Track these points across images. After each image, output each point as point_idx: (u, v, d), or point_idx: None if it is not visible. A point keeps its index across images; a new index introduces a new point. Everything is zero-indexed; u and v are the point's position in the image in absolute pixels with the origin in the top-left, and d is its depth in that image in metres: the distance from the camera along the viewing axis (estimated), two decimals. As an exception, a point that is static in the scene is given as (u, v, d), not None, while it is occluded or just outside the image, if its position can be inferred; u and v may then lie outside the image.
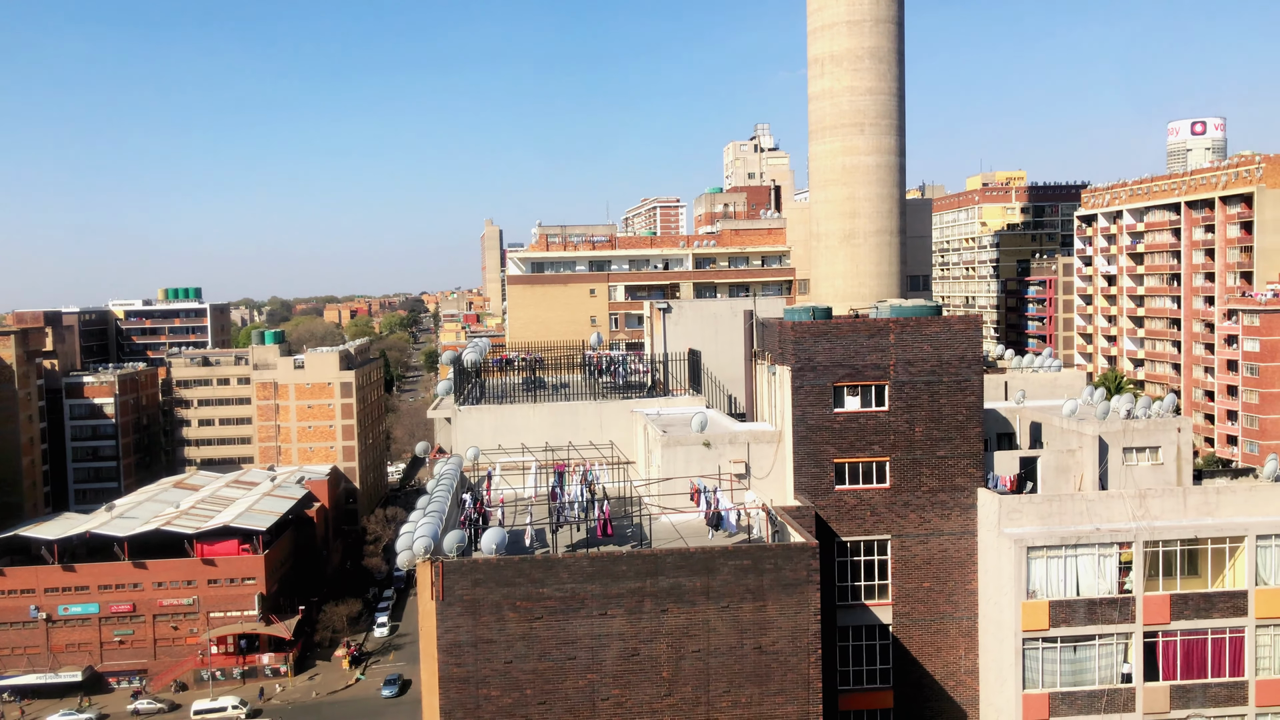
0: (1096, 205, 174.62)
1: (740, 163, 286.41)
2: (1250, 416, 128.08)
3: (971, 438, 41.82)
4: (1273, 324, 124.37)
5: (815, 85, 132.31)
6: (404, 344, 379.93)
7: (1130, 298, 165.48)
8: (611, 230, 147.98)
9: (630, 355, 59.02)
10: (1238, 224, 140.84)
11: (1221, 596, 40.20)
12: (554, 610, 32.22)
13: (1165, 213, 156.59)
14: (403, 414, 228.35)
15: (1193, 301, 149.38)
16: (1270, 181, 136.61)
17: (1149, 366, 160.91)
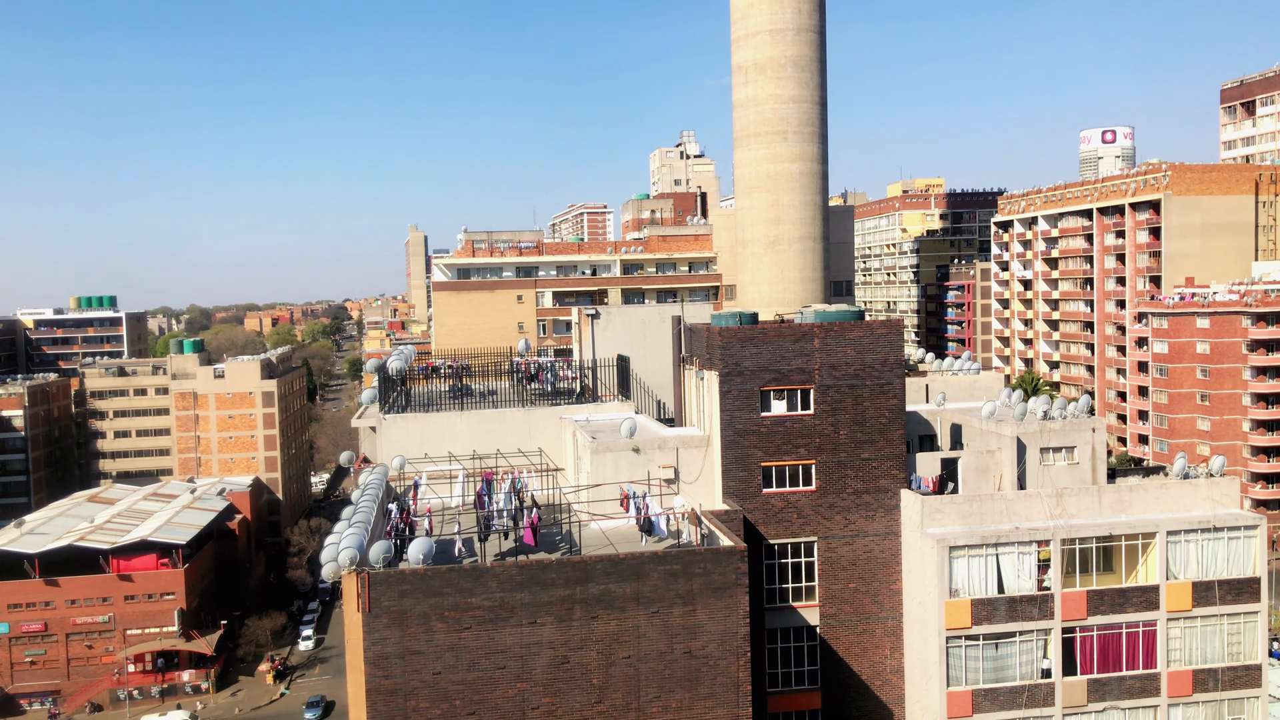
0: (1012, 212, 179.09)
1: (667, 169, 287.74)
2: (1160, 416, 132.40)
3: (894, 440, 42.55)
4: (1180, 327, 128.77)
5: (739, 93, 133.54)
6: (327, 352, 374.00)
7: (1045, 301, 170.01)
8: (539, 236, 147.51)
9: (558, 361, 58.92)
10: (1147, 230, 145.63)
11: (1135, 592, 41.46)
12: (483, 620, 31.98)
13: (1078, 219, 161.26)
14: (326, 423, 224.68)
15: (1105, 305, 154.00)
16: (1177, 189, 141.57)
17: (1064, 368, 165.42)
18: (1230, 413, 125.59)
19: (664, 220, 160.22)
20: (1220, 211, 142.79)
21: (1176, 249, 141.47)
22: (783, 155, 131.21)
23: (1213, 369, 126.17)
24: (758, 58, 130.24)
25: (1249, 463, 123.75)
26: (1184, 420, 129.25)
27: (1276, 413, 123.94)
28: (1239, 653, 42.28)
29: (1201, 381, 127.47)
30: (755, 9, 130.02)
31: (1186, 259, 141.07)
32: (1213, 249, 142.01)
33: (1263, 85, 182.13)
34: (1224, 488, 43.66)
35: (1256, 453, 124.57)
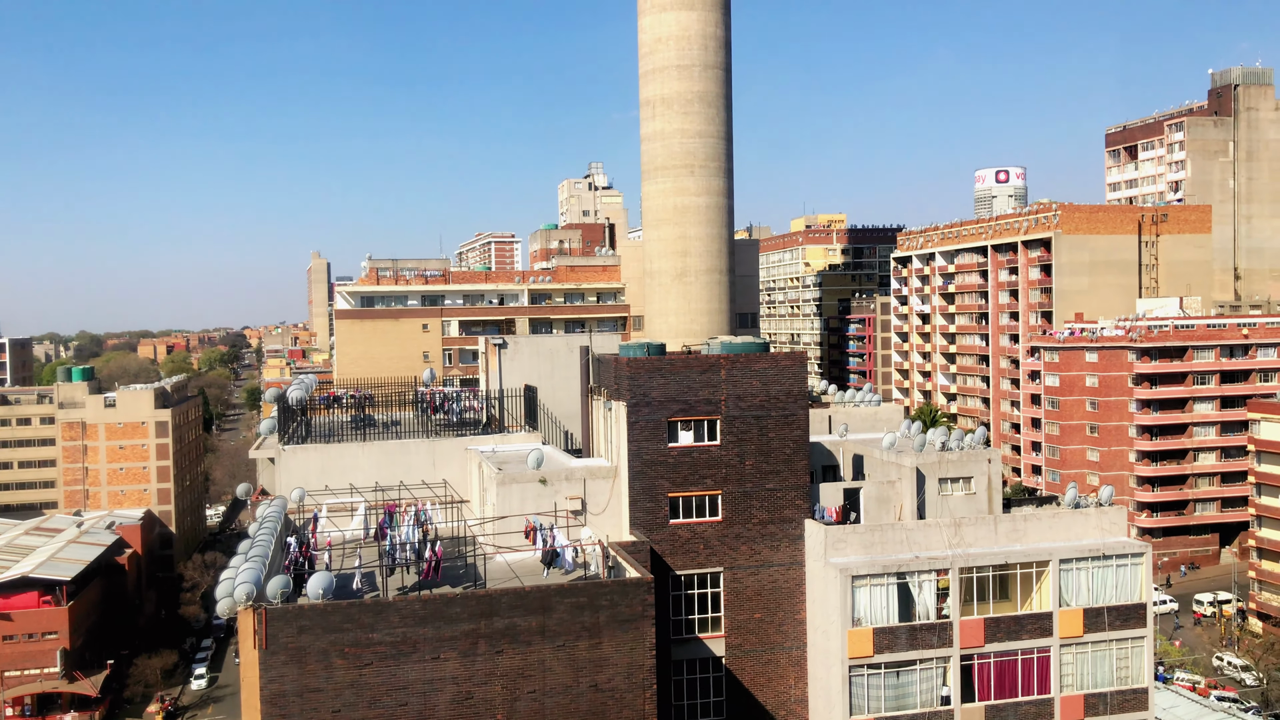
0: (911, 248, 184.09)
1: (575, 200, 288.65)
2: (1052, 447, 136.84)
3: (799, 470, 43.08)
4: (1070, 361, 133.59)
5: (647, 126, 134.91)
6: (225, 381, 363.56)
7: (943, 335, 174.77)
8: (445, 265, 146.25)
9: (465, 392, 58.30)
10: (1038, 267, 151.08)
11: (1030, 619, 42.57)
12: (384, 655, 31.24)
13: (973, 255, 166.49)
14: (223, 454, 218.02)
15: (999, 339, 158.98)
16: (1066, 228, 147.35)
17: (961, 400, 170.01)
18: (1117, 444, 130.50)
19: (572, 251, 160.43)
20: (1106, 250, 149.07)
21: (1066, 285, 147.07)
22: (690, 189, 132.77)
23: (1101, 402, 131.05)
24: (665, 92, 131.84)
25: (1135, 492, 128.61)
26: (1074, 451, 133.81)
27: (1160, 444, 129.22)
28: (1127, 676, 43.68)
29: (1090, 414, 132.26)
30: (663, 45, 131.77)
31: (1076, 295, 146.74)
32: (1100, 286, 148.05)
33: (1144, 131, 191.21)
34: (1112, 517, 45.24)
35: (1142, 482, 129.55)
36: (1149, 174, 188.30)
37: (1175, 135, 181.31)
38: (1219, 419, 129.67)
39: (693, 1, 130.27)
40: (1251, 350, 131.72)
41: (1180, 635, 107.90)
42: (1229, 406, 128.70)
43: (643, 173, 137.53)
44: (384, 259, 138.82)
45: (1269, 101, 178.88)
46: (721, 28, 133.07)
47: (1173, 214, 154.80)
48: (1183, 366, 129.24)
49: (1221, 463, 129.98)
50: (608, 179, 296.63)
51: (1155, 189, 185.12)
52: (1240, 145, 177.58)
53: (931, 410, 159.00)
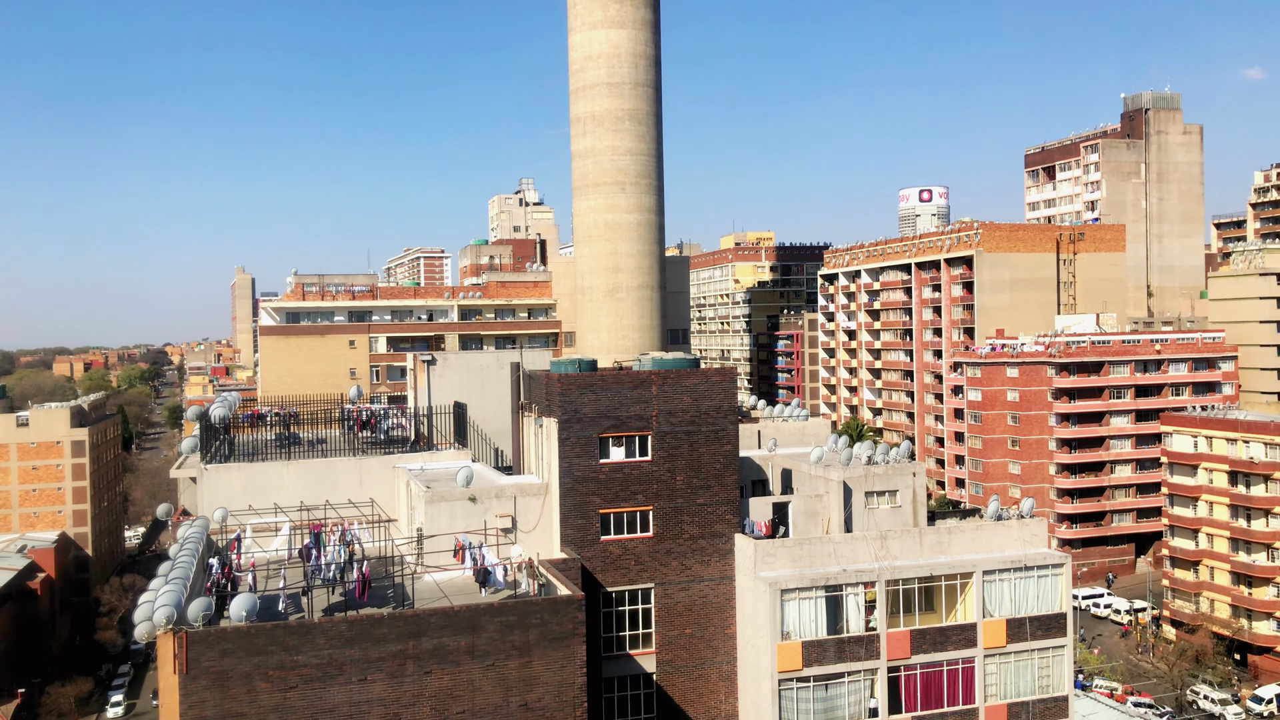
0: (837, 265, 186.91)
1: (506, 215, 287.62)
2: (975, 461, 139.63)
3: (729, 485, 43.38)
4: (992, 376, 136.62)
5: (578, 143, 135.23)
6: (145, 399, 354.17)
7: (869, 351, 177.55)
8: (373, 280, 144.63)
9: (392, 409, 57.64)
10: (961, 284, 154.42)
11: (955, 630, 43.32)
12: (310, 678, 30.67)
13: (898, 273, 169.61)
14: (143, 474, 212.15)
15: (924, 355, 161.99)
16: (987, 246, 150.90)
17: (887, 415, 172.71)
18: (1038, 457, 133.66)
19: (503, 266, 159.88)
20: (1026, 268, 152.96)
21: (988, 302, 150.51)
22: (621, 205, 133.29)
23: (1022, 416, 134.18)
24: (596, 110, 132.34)
25: (1055, 504, 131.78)
26: (996, 464, 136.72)
27: (1079, 457, 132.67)
28: (1049, 685, 44.66)
29: (1012, 428, 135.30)
30: (593, 62, 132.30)
31: (997, 312, 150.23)
32: (1020, 303, 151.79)
33: (1061, 152, 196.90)
34: (1033, 528, 46.30)
35: (1062, 495, 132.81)
36: (1066, 194, 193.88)
37: (1091, 157, 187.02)
38: (1134, 432, 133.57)
39: (623, 20, 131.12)
40: (1164, 365, 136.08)
41: (1099, 643, 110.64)
42: (1143, 420, 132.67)
43: (574, 189, 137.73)
44: (310, 274, 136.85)
45: (1177, 125, 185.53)
46: (651, 46, 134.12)
47: (1089, 233, 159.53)
48: (1099, 381, 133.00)
49: (1137, 474, 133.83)
50: (539, 195, 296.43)
51: (1072, 208, 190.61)
52: (1151, 167, 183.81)
53: (858, 425, 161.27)
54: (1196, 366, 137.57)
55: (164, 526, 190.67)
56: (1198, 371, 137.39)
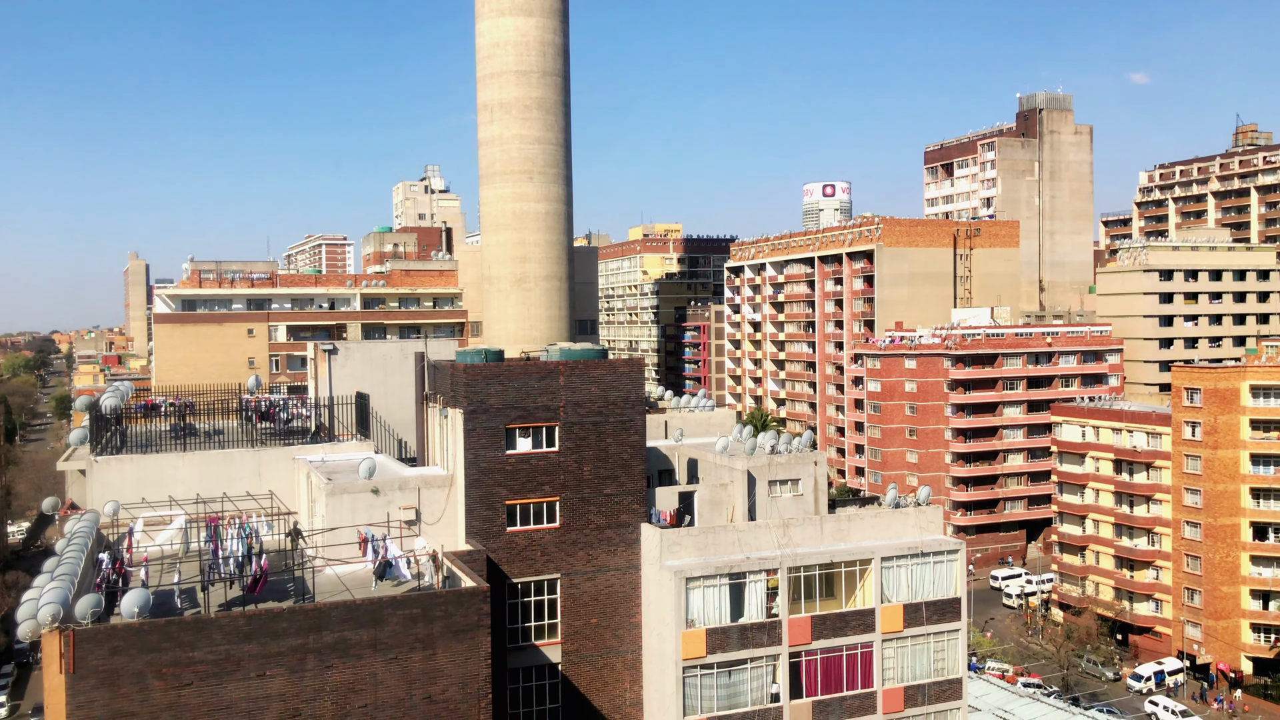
0: (743, 258, 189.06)
1: (411, 203, 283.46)
2: (875, 450, 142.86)
3: (636, 475, 43.60)
4: (891, 367, 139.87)
5: (485, 131, 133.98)
6: (30, 388, 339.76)
7: (773, 343, 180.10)
8: (273, 268, 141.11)
9: (293, 399, 56.42)
10: (862, 278, 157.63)
11: (854, 615, 44.34)
12: (206, 675, 29.92)
13: (801, 266, 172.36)
14: (27, 466, 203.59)
15: (826, 346, 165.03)
16: (887, 240, 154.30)
17: (790, 405, 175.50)
18: (934, 446, 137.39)
19: (408, 255, 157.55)
20: (925, 262, 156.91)
21: (888, 295, 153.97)
22: (529, 195, 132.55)
23: (919, 406, 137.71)
24: (504, 97, 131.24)
25: (950, 492, 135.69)
26: (895, 453, 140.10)
27: (973, 446, 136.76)
28: (943, 668, 46.04)
29: (910, 418, 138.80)
30: (501, 50, 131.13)
31: (896, 305, 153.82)
32: (919, 296, 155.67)
33: (959, 150, 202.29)
34: (929, 515, 47.62)
35: (956, 483, 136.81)
36: (964, 190, 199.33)
37: (987, 155, 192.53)
38: (1026, 422, 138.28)
39: (531, 8, 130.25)
40: (1054, 357, 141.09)
41: (991, 626, 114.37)
42: (1034, 410, 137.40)
43: (481, 177, 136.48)
44: (207, 261, 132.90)
45: (1069, 125, 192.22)
46: (560, 35, 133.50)
47: (985, 229, 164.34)
48: (993, 373, 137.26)
49: (1028, 463, 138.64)
50: (444, 182, 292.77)
51: (969, 205, 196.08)
52: (1044, 165, 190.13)
53: (762, 415, 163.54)
54: (1085, 359, 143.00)
55: (50, 521, 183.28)
56: (1086, 364, 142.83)
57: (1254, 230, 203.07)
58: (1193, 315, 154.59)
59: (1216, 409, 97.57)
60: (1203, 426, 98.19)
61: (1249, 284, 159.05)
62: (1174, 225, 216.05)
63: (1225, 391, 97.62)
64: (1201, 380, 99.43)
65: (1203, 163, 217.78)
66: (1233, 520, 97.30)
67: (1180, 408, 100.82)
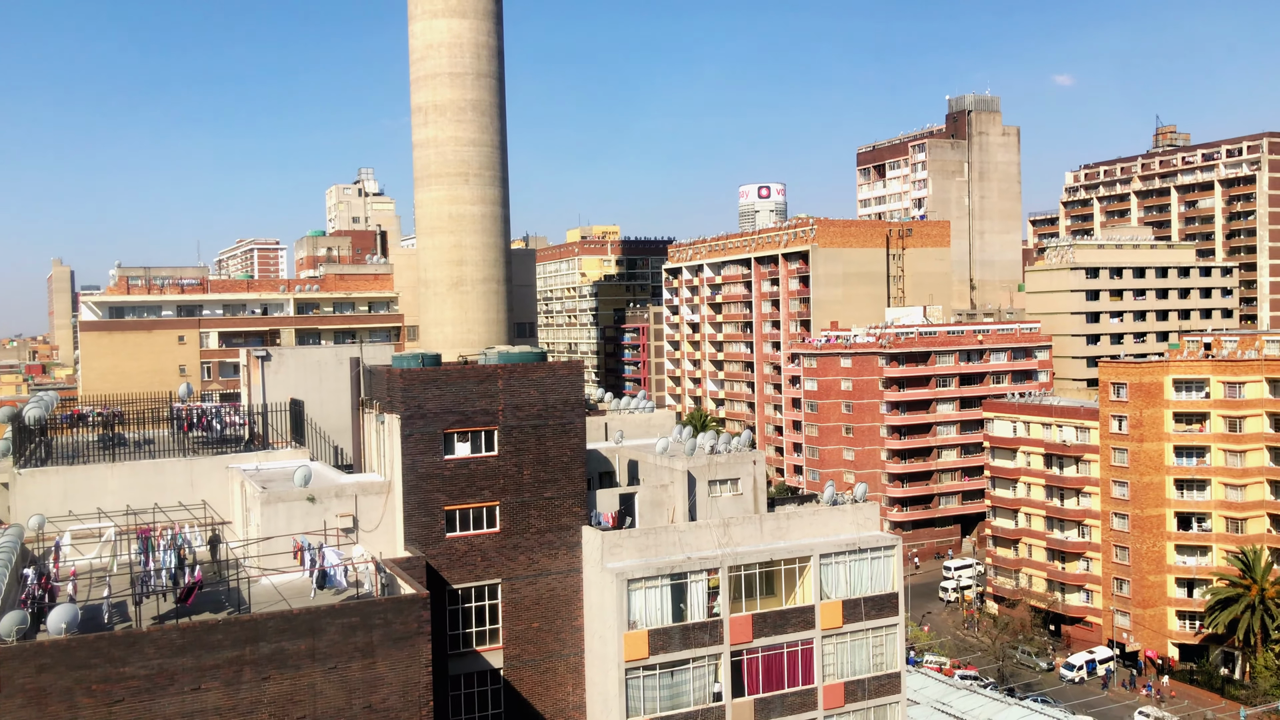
0: (681, 260, 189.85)
1: (344, 206, 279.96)
2: (812, 448, 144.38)
3: (576, 478, 43.58)
4: (827, 366, 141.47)
5: (419, 133, 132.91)
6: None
7: (711, 343, 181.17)
8: (203, 273, 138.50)
9: (225, 407, 55.43)
10: (797, 278, 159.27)
11: (794, 613, 44.80)
12: (138, 690, 29.26)
13: (738, 267, 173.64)
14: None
15: (763, 346, 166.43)
16: (822, 241, 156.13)
17: (729, 405, 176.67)
18: (870, 444, 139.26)
19: (342, 259, 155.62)
20: (859, 262, 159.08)
21: (823, 295, 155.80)
22: (464, 197, 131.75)
23: (855, 404, 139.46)
24: (438, 99, 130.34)
25: (886, 488, 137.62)
26: (832, 451, 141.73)
27: (908, 443, 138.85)
28: (882, 663, 46.74)
29: (846, 416, 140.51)
30: (435, 52, 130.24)
31: (832, 305, 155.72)
32: (853, 296, 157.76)
33: (891, 151, 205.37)
34: (866, 512, 48.30)
35: (892, 479, 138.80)
36: (896, 191, 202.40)
37: (918, 156, 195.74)
38: (959, 418, 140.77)
39: (464, 9, 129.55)
40: (985, 355, 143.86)
41: (929, 620, 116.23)
42: (967, 407, 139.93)
43: (416, 180, 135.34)
44: (135, 267, 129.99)
45: (997, 127, 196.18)
46: (494, 37, 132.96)
47: (917, 229, 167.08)
48: (927, 370, 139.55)
49: (962, 459, 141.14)
50: (379, 185, 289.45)
51: (901, 205, 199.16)
52: (974, 166, 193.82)
53: (701, 415, 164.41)
54: (1015, 355, 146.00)
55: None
56: (1016, 360, 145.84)
57: (1174, 228, 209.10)
58: (1118, 312, 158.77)
59: (1141, 403, 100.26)
60: (1128, 420, 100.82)
61: (1170, 281, 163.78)
62: (1099, 224, 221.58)
63: (1149, 386, 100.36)
64: (1127, 375, 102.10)
65: (1125, 163, 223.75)
66: (1158, 511, 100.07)
67: (1107, 402, 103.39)
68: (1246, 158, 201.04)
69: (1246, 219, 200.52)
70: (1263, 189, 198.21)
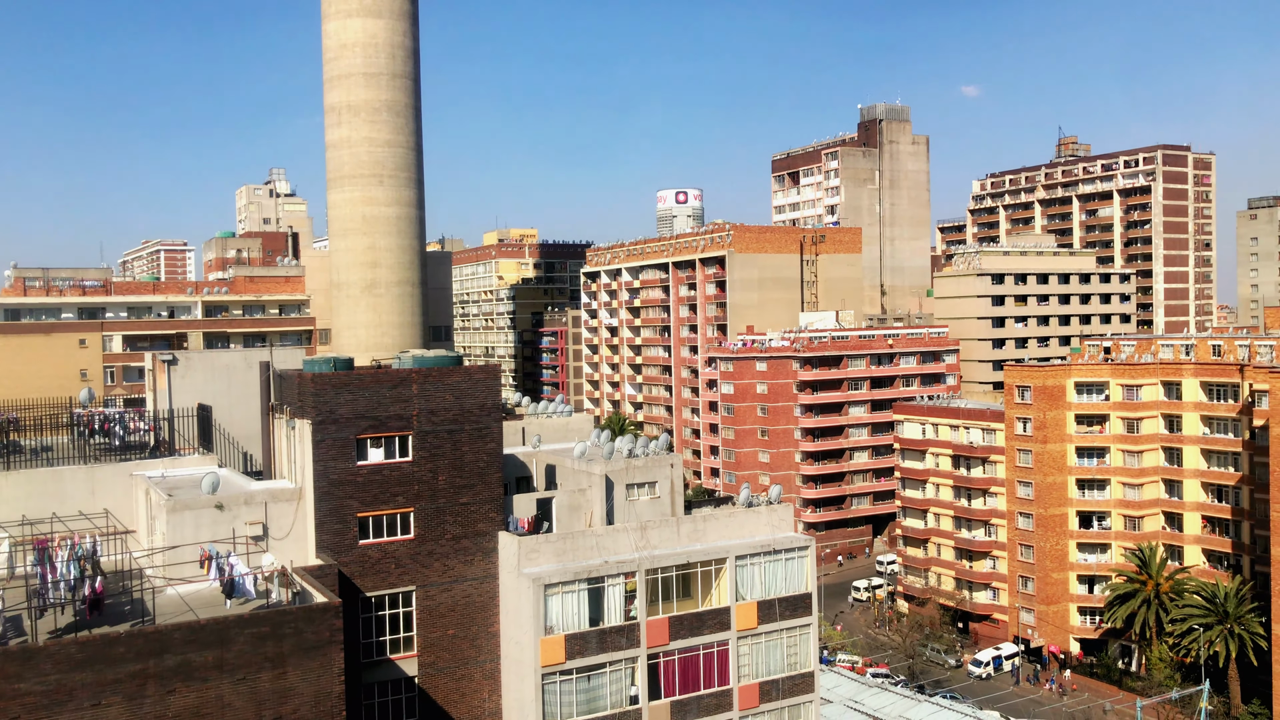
0: (599, 263, 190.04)
1: (255, 207, 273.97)
2: (728, 450, 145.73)
3: (492, 483, 43.34)
4: (743, 370, 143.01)
5: (333, 133, 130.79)
6: None
7: (630, 347, 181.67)
8: (107, 274, 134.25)
9: (129, 412, 53.81)
10: (714, 283, 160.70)
11: (710, 615, 45.19)
12: (34, 708, 28.25)
13: (657, 271, 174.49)
14: None
15: (681, 350, 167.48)
16: (738, 247, 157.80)
17: (647, 409, 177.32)
18: (785, 446, 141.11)
19: (252, 260, 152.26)
20: (774, 268, 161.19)
21: (739, 300, 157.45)
22: (379, 199, 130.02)
23: (770, 407, 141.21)
24: (352, 100, 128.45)
25: (801, 490, 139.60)
26: (748, 454, 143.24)
27: (821, 445, 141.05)
28: (796, 663, 47.42)
29: (761, 419, 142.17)
30: (349, 51, 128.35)
31: (747, 309, 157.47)
32: (769, 300, 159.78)
33: (805, 159, 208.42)
34: (781, 514, 48.98)
35: (806, 481, 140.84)
36: (809, 198, 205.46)
37: (831, 163, 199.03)
38: (870, 421, 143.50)
39: (380, 9, 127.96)
40: (896, 358, 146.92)
41: (841, 619, 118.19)
42: (878, 409, 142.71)
43: (329, 181, 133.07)
44: (33, 268, 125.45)
45: (907, 136, 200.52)
46: (410, 38, 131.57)
47: (830, 235, 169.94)
48: (839, 374, 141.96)
49: (873, 460, 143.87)
50: (291, 186, 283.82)
51: (815, 212, 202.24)
52: (885, 174, 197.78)
53: (619, 419, 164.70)
54: (924, 359, 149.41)
55: None
56: (925, 364, 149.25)
57: (1076, 236, 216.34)
58: (1022, 316, 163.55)
59: (1045, 405, 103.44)
60: (1033, 422, 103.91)
61: (1072, 287, 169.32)
62: (1004, 231, 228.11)
63: (1052, 389, 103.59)
64: (1031, 378, 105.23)
65: (1030, 172, 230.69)
66: (1061, 510, 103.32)
67: (1012, 404, 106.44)
68: (1143, 169, 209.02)
69: (1143, 228, 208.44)
70: (1158, 199, 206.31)
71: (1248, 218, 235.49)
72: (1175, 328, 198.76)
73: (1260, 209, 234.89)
